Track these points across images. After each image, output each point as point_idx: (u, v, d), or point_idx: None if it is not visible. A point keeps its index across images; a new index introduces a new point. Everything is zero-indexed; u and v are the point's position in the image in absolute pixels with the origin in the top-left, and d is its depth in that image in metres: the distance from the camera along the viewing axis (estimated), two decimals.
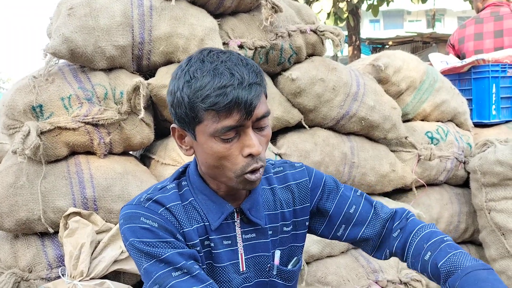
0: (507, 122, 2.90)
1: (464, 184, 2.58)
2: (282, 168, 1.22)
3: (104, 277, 1.67)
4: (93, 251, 1.66)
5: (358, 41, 9.99)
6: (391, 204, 2.28)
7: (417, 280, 2.13)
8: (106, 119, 1.75)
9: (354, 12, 9.48)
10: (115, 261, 1.67)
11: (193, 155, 1.09)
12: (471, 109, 2.84)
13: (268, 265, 1.15)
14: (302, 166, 1.23)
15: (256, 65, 1.01)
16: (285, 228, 1.19)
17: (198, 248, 1.06)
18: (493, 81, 2.78)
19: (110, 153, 1.87)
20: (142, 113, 1.74)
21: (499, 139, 2.35)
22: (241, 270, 1.12)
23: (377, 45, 11.20)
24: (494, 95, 2.80)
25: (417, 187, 2.39)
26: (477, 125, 2.84)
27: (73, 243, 1.63)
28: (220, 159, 0.99)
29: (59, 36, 1.72)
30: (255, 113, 0.96)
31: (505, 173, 2.13)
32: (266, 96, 1.04)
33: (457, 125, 2.63)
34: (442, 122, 2.55)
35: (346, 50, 10.88)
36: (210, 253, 1.09)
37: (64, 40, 1.72)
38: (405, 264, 2.24)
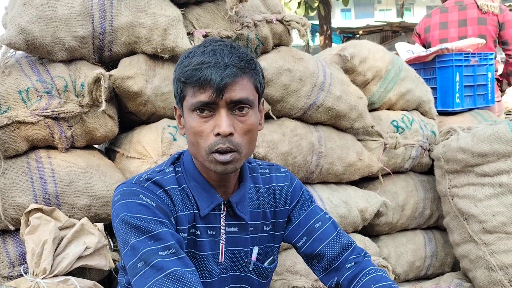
0: (470, 110, 2.98)
1: (429, 171, 2.64)
2: (268, 170, 1.27)
3: (69, 273, 1.63)
4: (56, 248, 1.62)
5: (329, 31, 10.05)
6: (358, 192, 2.32)
7: (384, 266, 2.18)
8: (67, 112, 1.71)
9: (325, 1, 9.51)
10: (80, 257, 1.64)
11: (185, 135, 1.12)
12: (435, 98, 2.90)
13: (245, 260, 1.19)
14: (287, 172, 1.30)
15: (249, 54, 1.06)
16: (265, 227, 1.23)
17: (185, 234, 1.09)
18: (456, 70, 2.84)
19: (73, 147, 1.83)
20: (104, 106, 1.70)
21: (462, 126, 2.40)
22: (219, 261, 1.15)
23: (348, 35, 11.31)
24: (457, 84, 2.86)
25: (383, 175, 2.44)
26: (441, 113, 2.91)
27: (35, 240, 1.59)
28: (195, 135, 1.03)
29: (15, 27, 1.66)
30: (229, 95, 1.00)
31: (467, 160, 2.18)
32: (256, 87, 1.06)
33: (422, 113, 2.68)
34: (407, 110, 2.60)
35: (318, 39, 10.94)
36: (194, 241, 1.11)
37: (20, 31, 1.66)
38: (373, 250, 2.27)
